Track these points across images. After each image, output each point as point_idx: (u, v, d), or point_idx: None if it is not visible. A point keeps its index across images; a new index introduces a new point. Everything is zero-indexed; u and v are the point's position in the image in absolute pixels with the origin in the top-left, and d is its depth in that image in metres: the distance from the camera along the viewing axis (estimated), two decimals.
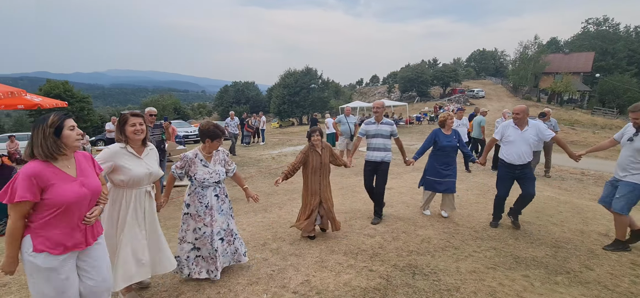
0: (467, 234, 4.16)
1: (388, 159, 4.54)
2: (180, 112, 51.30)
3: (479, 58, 71.37)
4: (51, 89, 29.94)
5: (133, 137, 2.47)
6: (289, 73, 43.82)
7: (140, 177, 2.46)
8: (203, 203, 2.93)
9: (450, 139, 4.68)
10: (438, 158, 4.70)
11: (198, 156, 2.97)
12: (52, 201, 1.77)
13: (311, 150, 3.93)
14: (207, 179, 2.93)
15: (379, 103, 4.59)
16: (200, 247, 2.96)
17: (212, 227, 2.94)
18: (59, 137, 1.83)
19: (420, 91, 46.93)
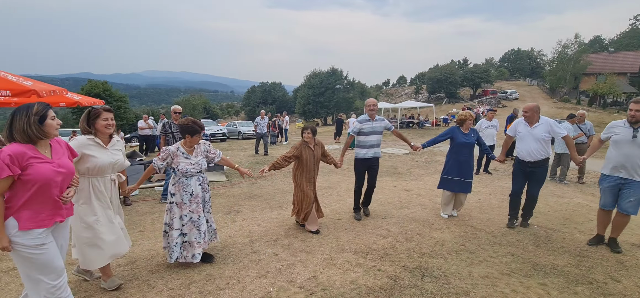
0: (485, 239, 4.02)
1: (379, 155, 4.67)
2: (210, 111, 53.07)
3: (513, 58, 68.14)
4: (92, 88, 31.97)
5: (103, 131, 2.67)
6: (314, 74, 44.09)
7: (105, 165, 2.63)
8: (188, 191, 3.14)
9: (468, 136, 4.59)
10: (455, 157, 4.63)
11: (180, 149, 3.18)
12: (31, 178, 1.91)
13: (304, 146, 4.11)
14: (189, 170, 3.13)
15: (372, 101, 4.63)
16: (187, 232, 3.15)
17: (198, 213, 3.15)
18: (42, 124, 1.99)
19: (449, 92, 45.58)
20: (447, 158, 4.77)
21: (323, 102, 41.62)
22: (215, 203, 5.58)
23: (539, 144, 4.05)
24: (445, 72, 45.40)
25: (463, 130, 4.63)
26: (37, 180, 1.93)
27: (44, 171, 1.95)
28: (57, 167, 2.03)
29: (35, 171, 1.92)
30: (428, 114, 29.93)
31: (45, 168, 1.97)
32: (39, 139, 1.99)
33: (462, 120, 4.63)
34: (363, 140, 4.56)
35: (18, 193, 1.93)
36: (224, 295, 2.76)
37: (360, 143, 4.58)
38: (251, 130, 21.94)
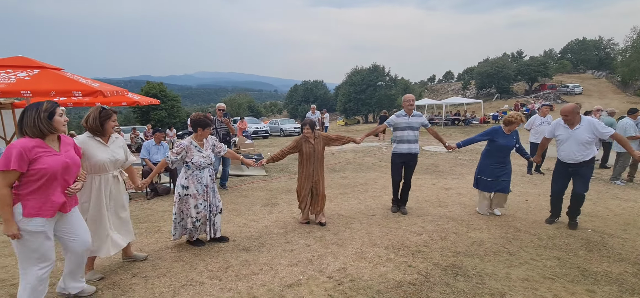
0: (528, 241, 3.78)
1: (417, 151, 4.65)
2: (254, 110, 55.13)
3: (577, 49, 61.73)
4: (149, 89, 34.85)
5: (111, 132, 2.85)
6: (356, 71, 43.77)
7: (105, 162, 2.75)
8: (201, 183, 3.44)
9: (509, 139, 4.43)
10: (493, 158, 4.46)
11: (193, 143, 3.43)
12: (40, 170, 2.09)
13: (303, 140, 4.20)
14: (202, 163, 3.42)
15: (410, 96, 4.64)
16: (200, 218, 3.48)
17: (209, 201, 3.51)
18: (51, 120, 2.18)
19: (500, 87, 42.66)
20: (483, 158, 4.63)
21: (364, 99, 41.21)
22: (253, 196, 5.86)
23: (582, 146, 3.82)
24: (496, 66, 42.54)
25: (505, 131, 4.43)
26: (46, 172, 2.11)
27: (52, 163, 2.13)
28: (65, 158, 2.22)
29: (45, 163, 2.10)
30: (475, 110, 28.34)
31: (54, 160, 2.15)
32: (49, 134, 2.18)
33: (510, 121, 4.38)
34: (399, 135, 4.61)
35: (27, 182, 2.09)
36: (257, 279, 2.93)
37: (396, 137, 4.64)
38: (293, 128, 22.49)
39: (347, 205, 5.26)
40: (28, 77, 5.67)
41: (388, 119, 4.80)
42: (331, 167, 8.93)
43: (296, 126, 23.03)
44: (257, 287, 2.81)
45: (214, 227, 3.62)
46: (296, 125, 23.66)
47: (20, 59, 6.35)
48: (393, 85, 43.48)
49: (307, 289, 2.77)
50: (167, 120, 33.68)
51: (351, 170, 8.34)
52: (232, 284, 2.85)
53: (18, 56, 6.37)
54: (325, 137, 4.33)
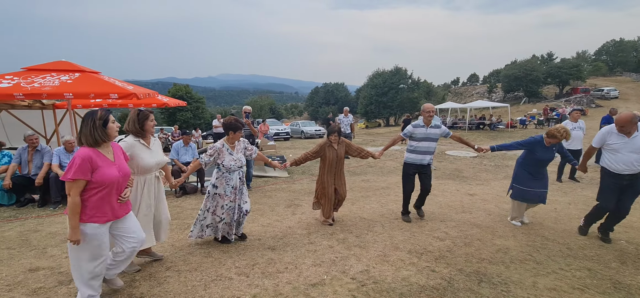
0: (556, 250, 3.68)
1: (430, 162, 4.53)
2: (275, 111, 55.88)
3: (613, 50, 58.59)
4: (176, 91, 36.14)
5: (151, 131, 2.97)
6: (378, 73, 43.52)
7: (151, 165, 2.95)
8: (230, 185, 3.57)
9: (549, 151, 4.22)
10: (529, 168, 4.33)
11: (224, 146, 3.58)
12: (98, 181, 2.23)
13: (327, 145, 4.27)
14: (233, 165, 3.55)
15: (430, 106, 4.38)
16: (226, 217, 3.62)
17: (236, 203, 3.62)
18: (105, 128, 2.30)
19: (528, 91, 41.09)
20: (519, 167, 4.45)
21: (386, 102, 40.88)
22: (277, 197, 6.00)
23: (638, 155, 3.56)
24: (524, 69, 41.02)
25: (546, 143, 4.21)
26: (104, 183, 2.25)
27: (110, 175, 2.28)
28: (117, 170, 2.35)
29: (102, 174, 2.24)
30: (502, 114, 27.47)
31: (111, 172, 2.29)
32: (103, 142, 2.30)
33: (554, 135, 4.08)
34: (414, 146, 4.47)
35: (87, 190, 2.24)
36: (282, 277, 3.04)
37: (411, 148, 4.50)
38: (314, 130, 22.64)
39: (369, 208, 5.29)
40: (70, 80, 6.08)
41: (405, 129, 4.67)
42: (352, 170, 8.97)
43: (317, 128, 23.18)
44: (282, 284, 2.91)
45: (239, 227, 3.80)
46: (317, 127, 23.82)
47: (63, 63, 6.82)
48: (415, 88, 42.89)
49: (331, 289, 2.85)
50: (192, 121, 34.78)
51: (372, 174, 8.34)
52: (259, 281, 2.97)
53: (61, 60, 6.85)
54: (347, 145, 4.42)
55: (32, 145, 5.50)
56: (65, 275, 3.01)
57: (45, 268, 3.17)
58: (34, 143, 5.50)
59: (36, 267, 3.20)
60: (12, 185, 5.17)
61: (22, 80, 5.82)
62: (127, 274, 3.03)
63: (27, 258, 3.41)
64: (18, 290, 2.77)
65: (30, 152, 5.51)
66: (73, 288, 2.79)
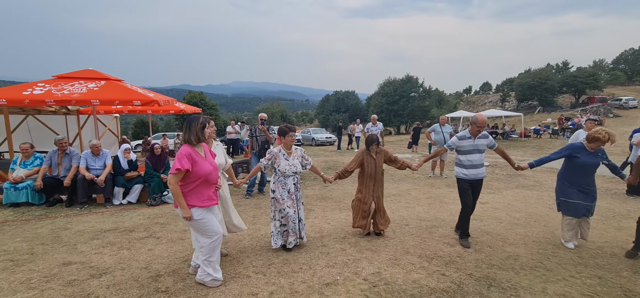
0: (567, 258, 3.72)
1: (484, 175, 4.22)
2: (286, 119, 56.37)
3: (632, 59, 57.25)
4: (191, 98, 37.01)
5: (210, 138, 3.27)
6: (389, 81, 43.61)
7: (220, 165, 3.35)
8: (285, 189, 3.74)
9: (594, 156, 3.90)
10: (574, 178, 4.00)
11: (281, 151, 3.78)
12: (197, 173, 2.73)
13: (366, 155, 4.26)
14: (287, 170, 3.72)
15: (482, 120, 4.09)
16: (286, 223, 3.74)
17: (293, 208, 3.74)
18: (203, 131, 2.84)
19: (543, 100, 40.43)
20: (562, 179, 4.13)
21: (397, 110, 40.87)
22: None
23: None
24: (539, 78, 40.44)
25: (588, 149, 3.91)
26: (201, 175, 2.76)
27: (205, 168, 2.79)
28: (209, 164, 2.86)
29: (199, 168, 2.75)
30: (515, 123, 27.13)
31: (206, 165, 2.80)
32: (201, 142, 2.83)
33: (596, 138, 3.80)
34: (463, 159, 4.16)
35: (187, 182, 2.75)
36: (297, 276, 3.18)
37: (460, 161, 4.20)
38: (325, 137, 22.82)
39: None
40: (96, 88, 6.44)
41: (450, 140, 4.42)
42: None
43: (328, 136, 23.33)
44: (297, 283, 3.06)
45: (301, 233, 3.88)
46: (328, 134, 23.97)
47: (90, 72, 7.21)
48: (427, 97, 42.75)
49: (344, 289, 2.98)
50: None
51: (385, 181, 8.43)
52: (275, 279, 3.12)
53: (88, 69, 7.24)
54: (386, 155, 4.36)
55: (62, 149, 5.83)
56: (96, 269, 3.23)
57: (77, 263, 3.40)
58: (64, 146, 5.83)
59: (69, 261, 3.44)
60: (43, 186, 5.49)
61: (53, 87, 6.20)
62: None
63: (59, 253, 3.66)
64: (55, 282, 3.00)
65: (60, 155, 5.84)
66: (104, 280, 3.00)
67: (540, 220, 5.12)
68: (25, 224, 4.70)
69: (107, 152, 6.02)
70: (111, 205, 5.72)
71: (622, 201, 6.41)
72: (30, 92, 6.03)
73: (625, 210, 5.80)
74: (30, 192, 5.57)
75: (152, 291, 2.87)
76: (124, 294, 2.82)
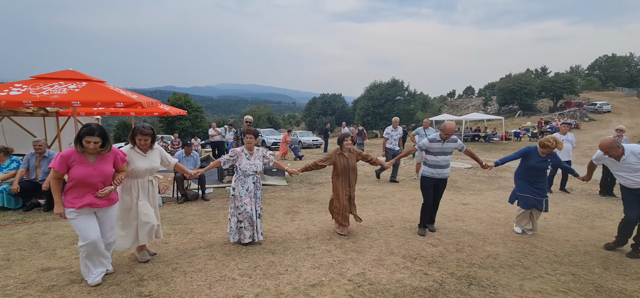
0: (544, 256, 3.87)
1: (448, 175, 4.55)
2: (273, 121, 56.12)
3: (605, 65, 59.73)
4: (175, 100, 36.32)
5: (139, 146, 3.33)
6: (374, 85, 44.06)
7: (142, 170, 3.31)
8: (244, 187, 3.90)
9: (544, 161, 4.42)
10: (526, 176, 4.53)
11: (244, 151, 3.97)
12: (72, 175, 2.81)
13: (338, 153, 4.38)
14: (248, 169, 3.90)
15: (452, 127, 4.38)
16: (242, 220, 3.88)
17: (250, 205, 3.88)
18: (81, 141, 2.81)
19: (523, 104, 41.73)
20: (518, 177, 4.63)
21: (382, 113, 41.30)
22: (276, 205, 6.16)
23: (637, 173, 3.76)
24: (519, 82, 41.73)
25: (541, 153, 4.42)
26: (74, 177, 2.81)
27: (80, 172, 2.81)
28: (93, 171, 2.87)
29: (75, 171, 2.81)
30: (496, 127, 27.88)
31: (81, 170, 2.82)
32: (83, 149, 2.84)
33: (545, 145, 4.33)
34: (430, 159, 4.48)
35: (69, 181, 2.84)
36: (283, 278, 3.20)
37: (428, 162, 4.51)
38: (312, 140, 22.82)
39: (366, 215, 5.46)
40: (77, 89, 6.26)
41: (420, 141, 4.67)
42: None
43: (315, 139, 23.35)
44: (283, 285, 3.07)
45: (257, 230, 3.99)
46: (314, 137, 24.00)
47: (71, 72, 7.01)
48: (412, 100, 43.41)
49: (329, 289, 3.01)
50: (191, 129, 34.89)
51: (369, 183, 8.53)
52: (261, 281, 3.13)
53: (69, 70, 7.04)
54: (358, 153, 4.53)
55: (40, 152, 5.66)
56: (76, 275, 3.15)
57: (56, 268, 3.31)
58: (42, 149, 5.66)
59: (47, 267, 3.35)
60: (20, 190, 5.30)
61: (31, 88, 6.00)
62: (136, 270, 3.18)
63: (38, 259, 3.55)
64: (33, 288, 2.91)
65: (38, 158, 5.67)
66: (84, 286, 2.94)
67: None
68: (0, 229, 4.54)
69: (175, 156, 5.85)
70: None
71: (596, 201, 6.70)
72: (6, 93, 5.81)
73: (598, 209, 6.07)
74: (6, 196, 5.37)
75: (134, 295, 2.83)
76: None
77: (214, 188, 7.61)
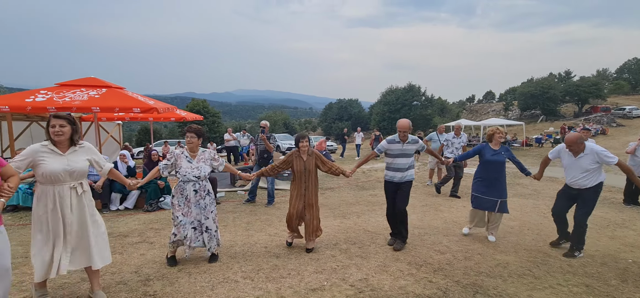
0: (557, 266, 3.72)
1: (411, 178, 4.24)
2: (289, 126, 56.58)
3: (635, 68, 57.02)
4: (194, 106, 37.29)
5: (54, 138, 2.52)
6: (391, 90, 43.76)
7: (57, 172, 2.47)
8: (183, 195, 3.39)
9: (497, 153, 4.48)
10: (483, 174, 4.55)
11: (184, 153, 3.43)
12: None
13: (295, 156, 4.03)
14: (188, 174, 3.37)
15: (405, 124, 4.16)
16: (177, 233, 3.40)
17: (187, 217, 3.41)
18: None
19: (545, 109, 40.31)
20: (475, 175, 4.68)
21: (398, 118, 40.99)
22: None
23: (587, 173, 3.89)
24: (541, 87, 40.38)
25: (492, 146, 4.54)
26: None
27: None
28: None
29: None
30: (517, 132, 27.05)
31: None
32: None
33: (491, 135, 4.57)
34: (390, 162, 4.24)
35: None
36: (284, 282, 3.22)
37: (388, 165, 4.28)
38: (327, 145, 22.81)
39: (374, 221, 5.42)
40: (97, 95, 6.57)
41: (379, 144, 4.42)
42: (361, 184, 9.11)
43: (330, 144, 23.39)
44: (284, 288, 3.09)
45: (206, 243, 3.55)
46: (330, 143, 24.05)
47: (92, 80, 7.36)
48: (429, 105, 42.80)
49: (329, 294, 3.01)
50: (208, 134, 35.67)
51: (381, 188, 8.44)
52: (263, 284, 3.16)
53: (90, 77, 7.39)
54: (317, 157, 4.12)
55: None
56: None
57: None
58: None
59: None
60: None
61: (55, 94, 6.34)
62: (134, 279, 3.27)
63: None
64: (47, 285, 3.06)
65: None
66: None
67: (534, 228, 5.12)
68: (22, 229, 4.79)
69: (106, 158, 6.10)
70: (108, 211, 5.80)
71: (619, 210, 6.38)
72: (32, 100, 6.17)
73: (620, 219, 5.78)
74: (23, 195, 5.67)
75: (140, 295, 2.92)
76: (113, 297, 2.87)
77: (225, 192, 7.74)
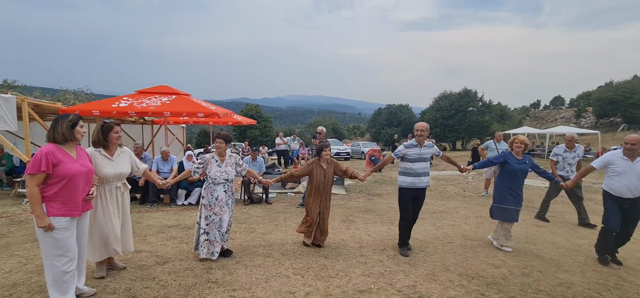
0: (633, 292, 3.35)
1: (428, 184, 4.23)
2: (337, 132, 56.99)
3: None
4: (248, 110, 39.41)
5: (115, 142, 2.98)
6: (444, 95, 41.90)
7: (109, 175, 2.95)
8: (214, 196, 3.65)
9: (521, 163, 4.36)
10: (510, 183, 4.39)
11: (214, 157, 3.74)
12: (61, 173, 2.36)
13: (316, 164, 4.17)
14: (218, 177, 3.66)
15: (422, 126, 4.10)
16: (209, 232, 3.65)
17: (220, 216, 3.67)
18: (74, 130, 2.49)
19: (627, 116, 35.44)
20: (497, 185, 4.52)
21: (452, 125, 38.94)
22: (333, 212, 6.32)
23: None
24: (623, 91, 35.61)
25: (515, 155, 4.41)
26: (66, 175, 2.39)
27: (70, 168, 2.42)
28: (80, 166, 2.51)
29: (64, 168, 2.39)
30: (591, 142, 24.24)
31: (71, 166, 2.43)
32: (70, 141, 2.50)
33: (510, 143, 4.53)
34: (408, 168, 4.13)
35: (49, 184, 2.38)
36: (332, 281, 3.35)
37: (405, 170, 4.15)
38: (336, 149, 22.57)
39: (423, 229, 5.32)
40: (168, 102, 7.35)
41: (396, 149, 4.34)
42: None
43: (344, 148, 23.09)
44: (332, 288, 3.22)
45: (223, 240, 3.77)
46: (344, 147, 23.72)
47: (164, 87, 8.25)
48: (487, 111, 40.12)
49: (376, 297, 3.07)
50: (260, 138, 37.41)
51: (431, 197, 8.21)
52: (312, 282, 3.32)
53: (162, 85, 8.29)
54: (335, 164, 4.29)
55: (137, 154, 6.76)
56: (160, 258, 3.75)
57: (146, 251, 3.97)
58: (140, 152, 6.75)
59: (140, 249, 4.03)
60: None
61: (134, 100, 7.23)
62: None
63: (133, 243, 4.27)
64: (129, 265, 3.56)
65: None
66: (166, 267, 3.48)
67: None
68: None
69: (174, 158, 6.82)
70: (175, 205, 6.47)
71: None
72: (117, 105, 7.11)
73: None
74: None
75: (204, 281, 3.26)
76: (182, 281, 3.24)
77: (277, 193, 8.13)
